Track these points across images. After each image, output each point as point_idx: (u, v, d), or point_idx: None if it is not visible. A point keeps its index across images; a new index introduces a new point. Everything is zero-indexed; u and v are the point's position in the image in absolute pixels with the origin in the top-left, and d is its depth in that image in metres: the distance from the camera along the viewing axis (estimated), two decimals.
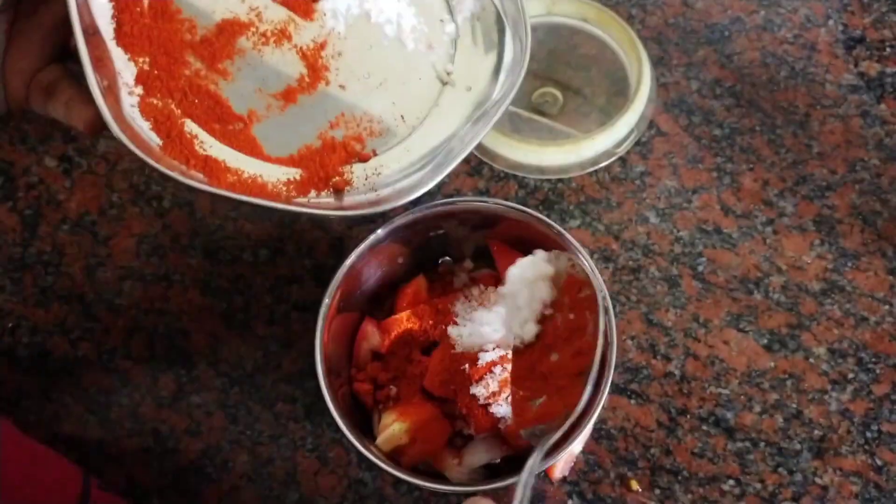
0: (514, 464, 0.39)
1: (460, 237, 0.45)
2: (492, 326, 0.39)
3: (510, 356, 0.38)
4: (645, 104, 0.51)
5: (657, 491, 0.45)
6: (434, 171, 0.37)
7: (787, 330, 0.48)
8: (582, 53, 0.56)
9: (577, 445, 0.45)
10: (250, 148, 0.36)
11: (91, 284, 0.51)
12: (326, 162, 0.37)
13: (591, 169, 0.52)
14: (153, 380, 0.49)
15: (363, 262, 0.40)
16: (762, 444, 0.46)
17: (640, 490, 0.45)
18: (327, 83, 0.38)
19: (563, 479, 0.45)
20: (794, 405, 0.47)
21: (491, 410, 0.37)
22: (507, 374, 0.37)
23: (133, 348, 0.50)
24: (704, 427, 0.46)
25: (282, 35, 0.38)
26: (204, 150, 0.35)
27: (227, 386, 0.48)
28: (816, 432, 0.46)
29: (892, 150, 0.53)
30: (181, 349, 0.49)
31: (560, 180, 0.53)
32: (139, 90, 0.34)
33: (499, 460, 0.39)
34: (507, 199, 0.52)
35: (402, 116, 0.38)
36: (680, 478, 0.45)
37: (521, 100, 0.54)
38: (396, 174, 0.37)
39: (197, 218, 0.53)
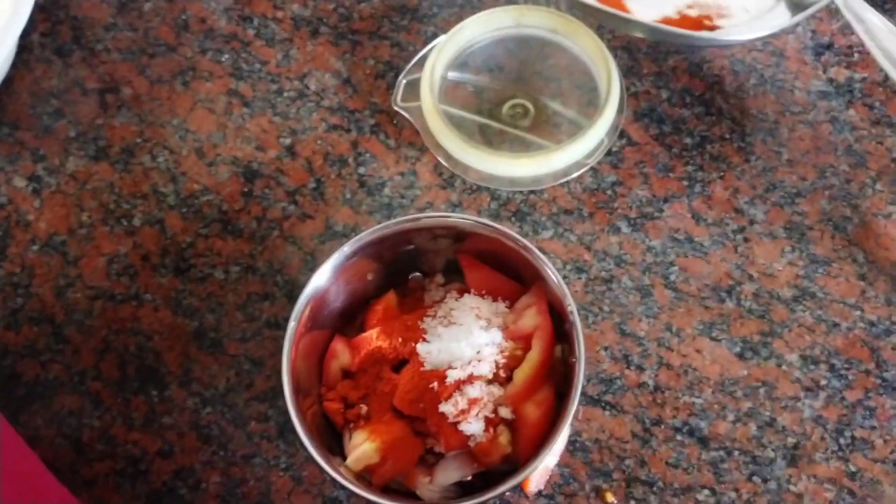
0: (486, 480, 0.39)
1: (431, 251, 0.45)
2: (460, 343, 0.38)
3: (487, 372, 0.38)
4: (614, 114, 0.52)
5: (632, 502, 0.45)
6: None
7: (759, 337, 0.48)
8: (553, 64, 0.56)
9: (551, 459, 0.45)
10: (621, 9, 0.50)
11: (61, 306, 0.51)
12: (682, 27, 0.50)
13: (563, 180, 0.52)
14: (125, 401, 0.48)
15: (329, 281, 0.40)
16: (736, 452, 0.46)
17: (615, 502, 0.45)
18: None
19: (539, 493, 0.45)
20: (768, 413, 0.47)
21: (460, 428, 0.37)
22: (477, 393, 0.37)
23: (104, 370, 0.49)
24: (679, 437, 0.46)
25: None
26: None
27: (199, 406, 0.48)
28: (790, 440, 0.46)
29: (861, 156, 0.53)
30: (152, 370, 0.49)
31: (532, 192, 0.53)
32: None
33: (470, 477, 0.39)
34: (479, 211, 0.52)
35: (747, 9, 0.50)
36: (655, 489, 0.45)
37: (491, 112, 0.54)
38: (741, 38, 0.50)
39: (168, 236, 0.52)
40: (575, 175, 0.52)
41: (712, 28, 0.50)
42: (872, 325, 0.49)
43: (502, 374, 0.39)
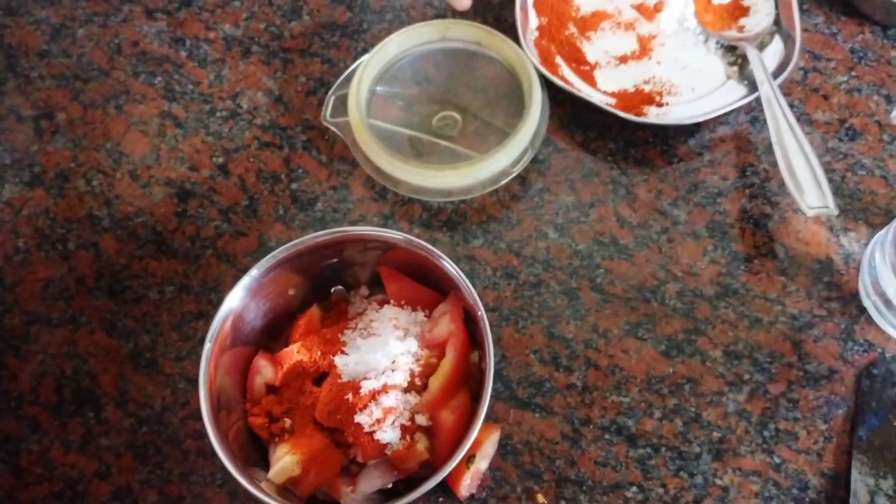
0: (409, 487, 0.40)
1: (356, 265, 0.46)
2: (376, 354, 0.39)
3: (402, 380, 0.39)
4: (537, 123, 0.53)
5: (563, 502, 0.46)
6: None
7: (683, 335, 0.50)
8: (480, 76, 0.57)
9: (483, 463, 0.45)
10: (590, 81, 0.57)
11: None
12: (635, 101, 0.55)
13: (492, 188, 0.53)
14: (62, 424, 0.49)
15: (244, 300, 0.40)
16: (663, 449, 0.47)
17: (545, 502, 0.46)
18: (650, 58, 0.57)
19: (471, 497, 0.46)
20: (693, 409, 0.48)
21: (377, 437, 0.38)
22: (392, 402, 0.38)
23: (41, 394, 0.50)
24: (607, 436, 0.47)
25: (629, 26, 0.59)
26: (561, 74, 0.56)
27: (135, 426, 0.49)
28: (715, 434, 0.47)
29: None
30: (89, 392, 0.49)
31: (463, 201, 0.54)
32: (536, 33, 0.57)
33: (391, 485, 0.40)
34: (411, 222, 0.53)
35: (693, 89, 0.56)
36: (585, 487, 0.46)
37: (421, 124, 0.55)
38: (675, 119, 0.54)
39: (102, 259, 0.53)
40: (503, 183, 0.53)
41: (660, 104, 0.55)
42: (794, 319, 0.50)
43: (418, 382, 0.40)
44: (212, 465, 0.47)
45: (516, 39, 0.55)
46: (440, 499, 0.45)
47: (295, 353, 0.41)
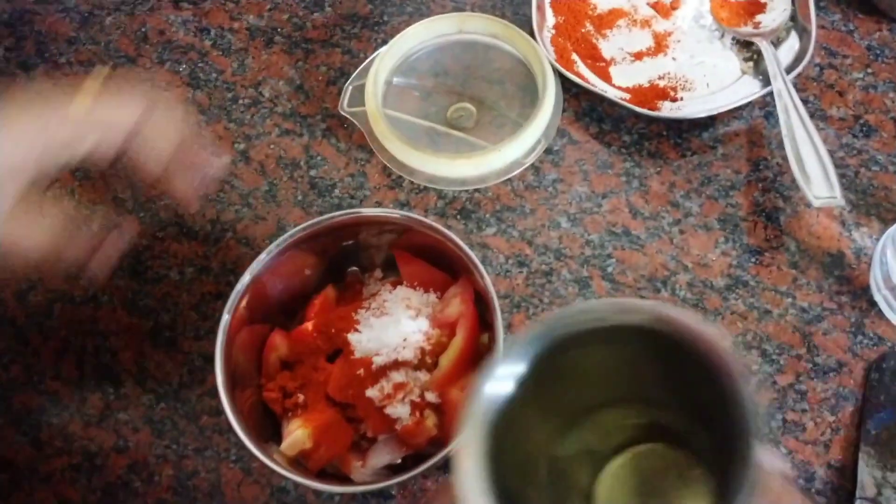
0: (417, 463, 0.41)
1: (371, 247, 0.47)
2: (388, 332, 0.40)
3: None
4: (551, 115, 0.53)
5: None
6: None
7: None
8: (496, 68, 0.58)
9: None
10: (605, 77, 0.57)
11: (22, 308, 0.53)
12: (650, 96, 0.56)
13: (505, 178, 0.54)
14: (82, 399, 0.50)
15: (263, 276, 0.41)
16: None
17: None
18: (665, 54, 0.58)
19: None
20: None
21: (387, 412, 0.39)
22: (402, 378, 0.39)
23: (62, 369, 0.51)
24: None
25: (645, 23, 0.59)
26: (577, 70, 0.56)
27: (153, 402, 0.50)
28: None
29: None
30: (109, 368, 0.51)
31: (477, 190, 0.55)
32: (553, 31, 0.58)
33: (400, 460, 0.41)
34: (426, 210, 0.54)
35: (708, 84, 0.56)
36: None
37: (437, 115, 0.56)
38: (689, 113, 0.55)
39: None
40: (516, 173, 0.53)
41: (675, 99, 0.56)
42: (804, 312, 0.50)
43: (429, 360, 0.41)
44: (226, 441, 0.48)
45: (532, 37, 0.56)
46: (447, 474, 0.46)
47: (310, 330, 0.42)
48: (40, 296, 0.53)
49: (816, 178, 0.50)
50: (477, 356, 0.41)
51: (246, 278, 0.40)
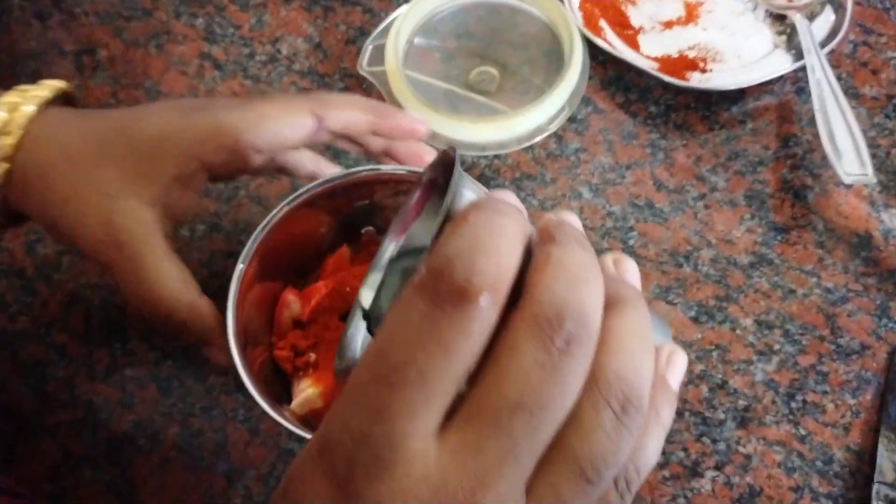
0: None
1: (388, 208, 0.45)
2: None
3: None
4: (577, 81, 0.52)
5: None
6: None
7: (714, 302, 0.49)
8: (522, 32, 0.56)
9: None
10: (633, 45, 0.56)
11: (31, 260, 0.52)
12: (678, 66, 0.54)
13: (527, 144, 0.52)
14: (88, 353, 0.49)
15: (278, 232, 0.40)
16: (687, 413, 0.46)
17: None
18: (696, 24, 0.57)
19: None
20: (720, 376, 0.47)
21: None
22: None
23: (70, 322, 0.50)
24: None
25: None
26: (604, 36, 0.55)
27: (160, 359, 0.49)
28: (741, 402, 0.47)
29: None
30: (116, 323, 0.50)
31: (497, 157, 0.53)
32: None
33: None
34: None
35: (739, 56, 0.55)
36: None
37: (458, 78, 0.55)
38: (719, 85, 0.53)
39: None
40: (538, 139, 0.52)
41: (704, 70, 0.54)
42: (829, 292, 0.49)
43: None
44: (234, 401, 0.48)
45: (560, 1, 0.55)
46: None
47: (323, 288, 0.41)
48: (49, 248, 0.52)
49: (848, 155, 0.48)
50: None
51: (262, 229, 0.39)
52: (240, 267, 0.39)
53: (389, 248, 0.26)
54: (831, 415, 0.46)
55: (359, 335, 0.25)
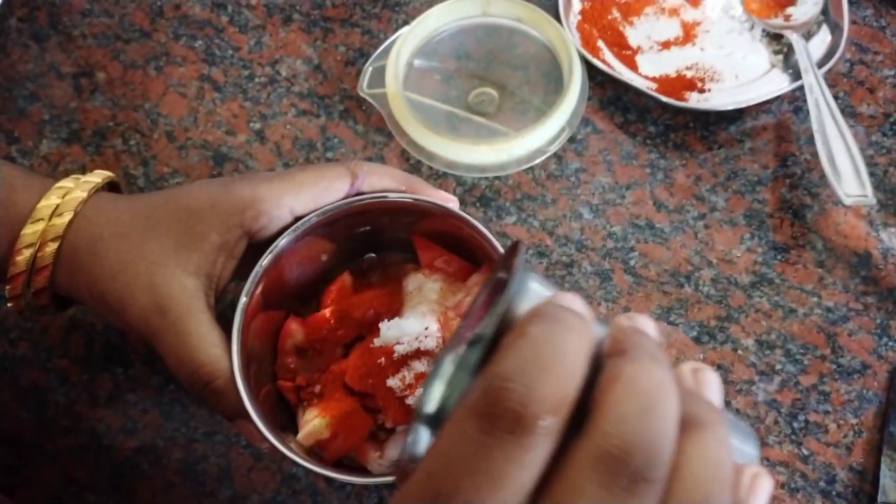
0: None
1: (387, 233, 0.45)
2: (409, 319, 0.39)
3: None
4: (576, 103, 0.52)
5: None
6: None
7: (716, 322, 0.49)
8: (520, 53, 0.57)
9: None
10: (631, 66, 0.56)
11: None
12: (677, 86, 0.55)
13: (527, 166, 0.52)
14: (90, 378, 0.49)
15: (280, 261, 0.40)
16: None
17: None
18: (693, 44, 0.57)
19: None
20: (723, 396, 0.47)
21: (407, 402, 0.38)
22: (423, 368, 0.38)
23: (71, 347, 0.50)
24: None
25: (674, 11, 0.58)
26: (602, 57, 0.55)
27: (162, 384, 0.49)
28: None
29: None
30: (118, 348, 0.50)
31: (497, 178, 0.53)
32: (579, 17, 0.57)
33: None
34: None
35: (737, 76, 0.55)
36: None
37: (458, 99, 0.55)
38: (717, 105, 0.54)
39: None
40: (538, 161, 0.52)
41: (702, 90, 0.55)
42: (829, 312, 0.49)
43: None
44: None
45: (558, 22, 0.55)
46: None
47: (327, 317, 0.41)
48: None
49: (847, 176, 0.48)
50: None
51: (265, 261, 0.39)
52: (243, 300, 0.39)
53: (449, 357, 0.23)
54: (833, 434, 0.46)
55: (421, 438, 0.22)
